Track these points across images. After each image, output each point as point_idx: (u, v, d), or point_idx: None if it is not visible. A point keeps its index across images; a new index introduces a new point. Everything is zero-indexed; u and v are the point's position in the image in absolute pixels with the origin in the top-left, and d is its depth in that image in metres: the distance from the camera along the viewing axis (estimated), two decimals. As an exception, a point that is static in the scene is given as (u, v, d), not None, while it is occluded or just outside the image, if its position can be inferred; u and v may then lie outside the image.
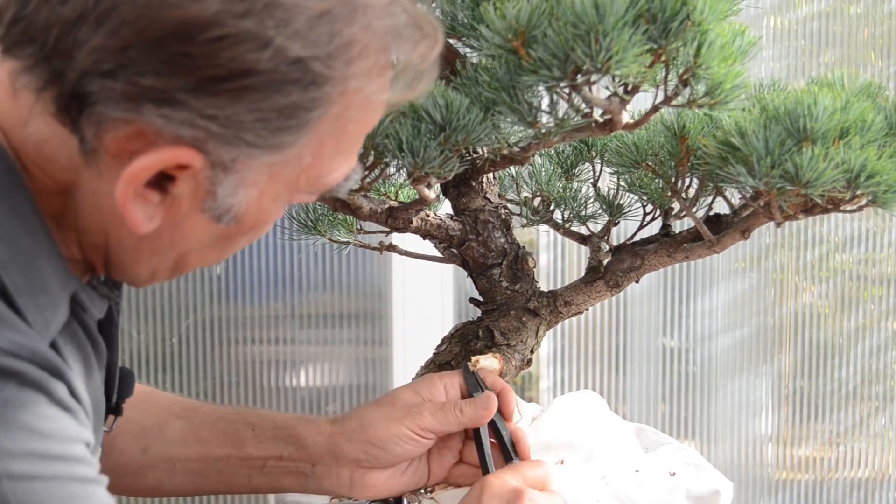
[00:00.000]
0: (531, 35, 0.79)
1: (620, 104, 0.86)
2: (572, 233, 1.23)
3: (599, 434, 1.19)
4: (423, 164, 0.87)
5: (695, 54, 0.80)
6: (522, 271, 1.16)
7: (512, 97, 0.84)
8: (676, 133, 0.99)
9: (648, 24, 0.79)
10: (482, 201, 1.13)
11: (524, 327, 1.15)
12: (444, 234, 1.13)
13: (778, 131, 0.87)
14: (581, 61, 0.77)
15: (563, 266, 2.39)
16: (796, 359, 2.42)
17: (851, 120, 0.88)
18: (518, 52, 0.80)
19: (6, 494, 0.66)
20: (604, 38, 0.76)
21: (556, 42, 0.77)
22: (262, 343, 2.36)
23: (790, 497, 2.45)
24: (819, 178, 0.85)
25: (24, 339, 0.69)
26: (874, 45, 2.34)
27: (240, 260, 2.33)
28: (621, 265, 1.15)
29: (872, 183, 0.86)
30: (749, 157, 0.88)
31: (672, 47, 0.80)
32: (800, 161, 0.85)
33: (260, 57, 0.68)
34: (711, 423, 2.43)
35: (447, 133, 0.86)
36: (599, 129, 0.88)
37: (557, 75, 0.79)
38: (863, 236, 2.38)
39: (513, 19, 0.79)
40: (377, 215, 1.07)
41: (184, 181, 0.72)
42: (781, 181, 0.87)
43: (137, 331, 2.30)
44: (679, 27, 0.79)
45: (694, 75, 0.82)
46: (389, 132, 0.87)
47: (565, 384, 2.43)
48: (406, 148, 0.86)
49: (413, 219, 1.09)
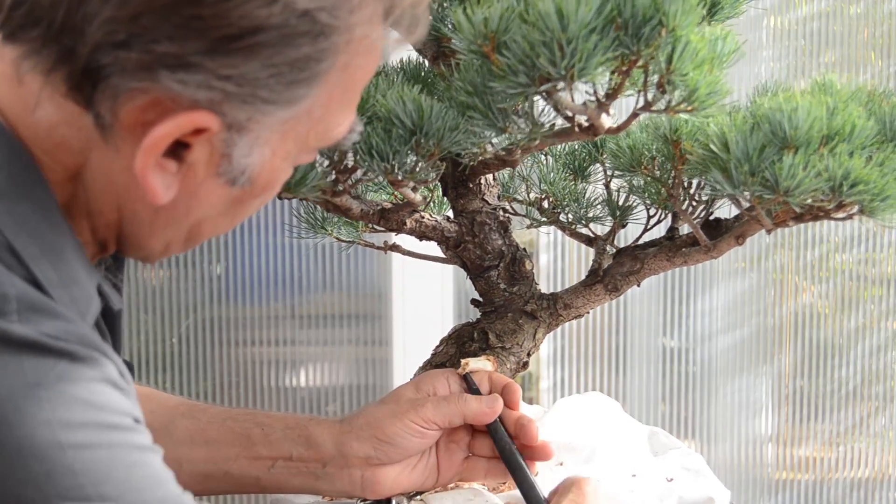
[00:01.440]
0: (501, 40, 0.78)
1: (598, 109, 0.85)
2: (579, 234, 1.22)
3: (602, 436, 1.18)
4: (395, 170, 0.87)
5: (667, 61, 0.79)
6: (520, 273, 1.15)
7: (484, 102, 0.83)
8: (668, 137, 0.98)
9: (620, 31, 0.78)
10: (479, 203, 1.13)
11: (520, 330, 1.15)
12: (440, 236, 1.13)
13: (759, 138, 0.86)
14: (544, 69, 0.77)
15: (563, 267, 2.39)
16: (796, 359, 2.42)
17: (838, 126, 0.85)
18: (489, 58, 0.79)
19: (71, 463, 0.67)
20: (567, 46, 0.75)
21: (523, 48, 0.77)
22: (262, 343, 2.36)
23: (790, 497, 2.44)
24: (799, 186, 0.83)
25: (69, 326, 0.70)
26: (874, 45, 2.34)
27: (240, 260, 2.33)
28: (621, 269, 1.14)
29: (857, 192, 0.83)
30: (727, 164, 0.86)
31: (646, 53, 0.79)
32: (779, 169, 0.84)
33: (270, 12, 0.69)
34: (711, 423, 2.43)
35: (418, 138, 0.86)
36: (583, 133, 0.88)
37: (524, 82, 0.78)
38: (863, 236, 2.38)
39: (481, 24, 0.78)
40: (369, 216, 1.07)
41: (199, 147, 0.73)
42: (761, 189, 0.85)
43: (137, 331, 2.31)
44: (651, 33, 0.78)
45: (669, 81, 0.80)
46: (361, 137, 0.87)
47: (565, 384, 2.43)
48: (376, 153, 0.86)
49: (407, 220, 1.09)
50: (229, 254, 2.32)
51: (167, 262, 2.30)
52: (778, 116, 0.85)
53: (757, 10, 2.29)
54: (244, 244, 2.32)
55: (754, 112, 0.89)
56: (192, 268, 2.31)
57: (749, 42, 2.33)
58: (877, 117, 0.91)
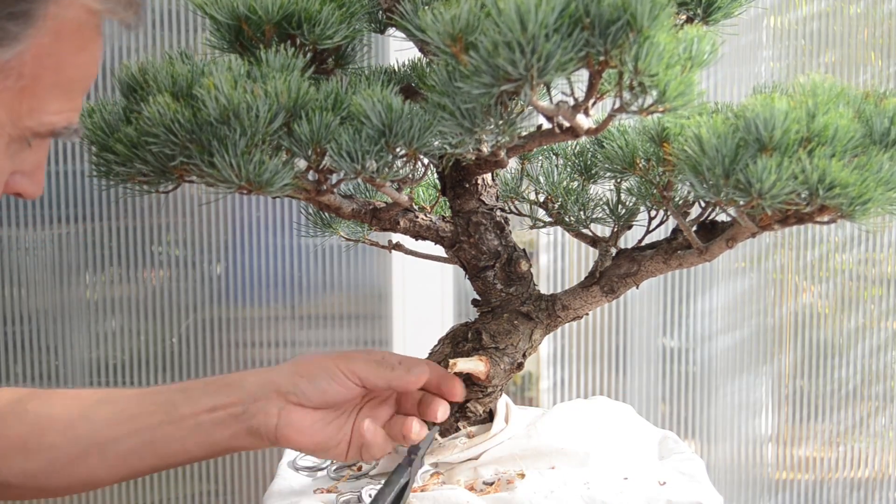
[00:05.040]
0: (469, 41, 0.78)
1: (573, 110, 0.85)
2: (584, 235, 1.22)
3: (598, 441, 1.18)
4: (364, 169, 0.87)
5: (633, 61, 0.78)
6: (516, 274, 1.15)
7: (453, 102, 0.83)
8: (656, 137, 0.98)
9: (587, 31, 0.77)
10: (476, 203, 1.13)
11: (515, 331, 1.14)
12: (435, 236, 1.13)
13: (735, 140, 0.84)
14: (505, 69, 0.76)
15: (563, 268, 2.39)
16: (796, 359, 2.41)
17: (818, 128, 0.83)
18: (457, 57, 0.79)
19: None
20: (527, 46, 0.75)
21: (486, 49, 0.77)
22: (262, 343, 2.36)
23: (790, 497, 2.44)
24: (772, 189, 0.82)
25: None
26: (874, 45, 2.33)
27: (240, 260, 2.33)
28: (618, 270, 1.14)
29: (834, 195, 0.82)
30: (700, 165, 0.85)
31: (614, 53, 0.78)
32: (753, 171, 0.82)
33: None
34: (711, 423, 2.43)
35: (387, 138, 0.86)
36: (564, 134, 0.88)
37: (488, 82, 0.78)
38: (863, 236, 2.38)
39: (448, 23, 0.78)
40: (360, 215, 1.07)
41: None
42: (735, 192, 0.84)
43: (137, 331, 2.31)
44: (618, 34, 0.77)
45: (639, 83, 0.80)
46: (332, 136, 0.87)
47: (565, 385, 2.42)
48: (345, 153, 0.86)
49: (400, 220, 1.09)
50: (229, 254, 2.32)
51: (167, 262, 2.30)
52: (754, 118, 0.83)
53: (757, 10, 2.29)
54: (244, 244, 2.32)
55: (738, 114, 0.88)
56: (192, 268, 2.31)
57: (749, 42, 2.33)
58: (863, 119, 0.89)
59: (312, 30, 0.96)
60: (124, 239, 2.26)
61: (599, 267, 1.16)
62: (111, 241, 2.26)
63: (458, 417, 1.15)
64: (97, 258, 2.27)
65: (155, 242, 2.28)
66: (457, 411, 1.14)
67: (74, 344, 2.27)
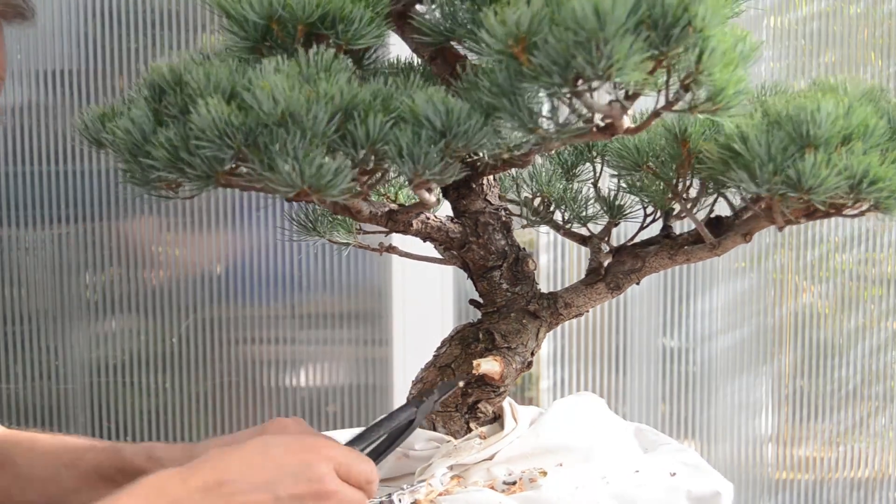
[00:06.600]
0: (532, 41, 0.78)
1: (621, 109, 0.86)
2: (573, 234, 1.22)
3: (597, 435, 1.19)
4: (424, 171, 0.86)
5: (696, 60, 0.80)
6: (523, 273, 1.15)
7: (512, 103, 0.83)
8: (678, 136, 0.99)
9: (650, 31, 0.78)
10: (482, 203, 1.13)
11: (525, 329, 1.14)
12: (445, 237, 1.12)
13: (780, 137, 0.87)
14: (582, 68, 0.76)
15: (563, 267, 2.39)
16: (796, 359, 2.41)
17: (854, 125, 0.88)
18: (518, 58, 0.79)
19: None
20: (605, 46, 0.75)
21: (556, 49, 0.77)
22: (262, 343, 2.36)
23: (790, 497, 2.44)
24: (822, 184, 0.85)
25: None
26: (874, 45, 2.34)
27: (240, 260, 2.33)
28: (622, 267, 1.14)
29: (875, 189, 0.86)
30: (751, 163, 0.88)
31: (673, 54, 0.79)
32: (802, 168, 0.85)
33: None
34: (711, 423, 2.43)
35: (448, 139, 0.86)
36: (600, 133, 0.88)
37: (558, 82, 0.78)
38: (863, 236, 2.38)
39: (513, 25, 0.78)
40: (377, 218, 1.06)
41: None
42: (784, 187, 0.87)
43: (138, 331, 2.30)
44: (681, 34, 0.79)
45: (696, 81, 0.81)
46: (390, 138, 0.86)
47: (565, 384, 2.42)
48: (406, 154, 0.85)
49: (413, 221, 1.09)
50: (229, 254, 2.32)
51: (167, 262, 2.30)
52: (801, 116, 0.87)
53: (757, 10, 2.29)
54: (244, 244, 2.32)
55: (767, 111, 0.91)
56: (192, 268, 2.30)
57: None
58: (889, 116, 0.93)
59: (346, 30, 0.94)
60: (124, 239, 2.26)
61: (601, 264, 1.16)
62: (111, 241, 2.26)
63: (469, 419, 1.14)
64: (97, 258, 2.26)
65: (155, 242, 2.28)
66: (467, 412, 1.14)
67: (74, 344, 2.27)
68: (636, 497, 1.08)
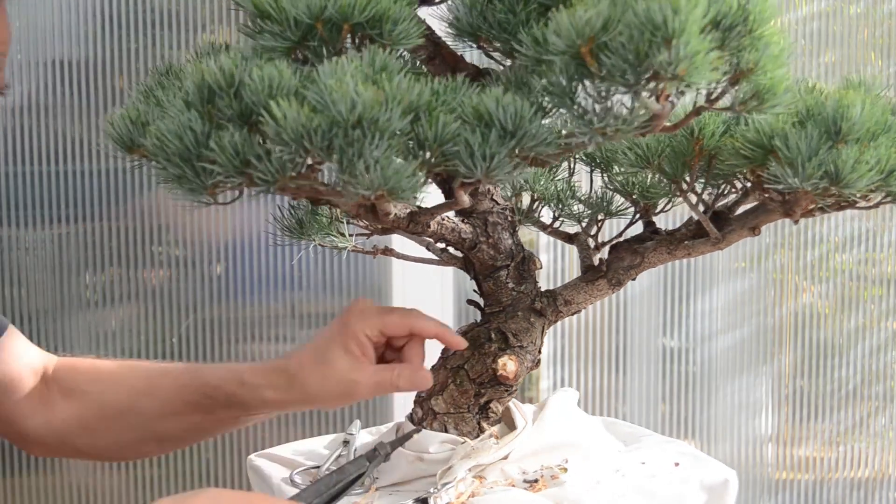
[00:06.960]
0: (601, 41, 0.78)
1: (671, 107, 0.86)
2: (558, 232, 1.24)
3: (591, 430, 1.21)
4: (496, 171, 0.85)
5: (755, 61, 0.84)
6: (528, 272, 1.16)
7: (574, 103, 0.83)
8: (694, 133, 1.00)
9: (713, 31, 0.81)
10: (490, 203, 1.13)
11: (532, 328, 1.15)
12: (457, 238, 1.12)
13: (816, 133, 0.91)
14: (660, 67, 0.77)
15: (562, 266, 2.39)
16: (796, 359, 2.42)
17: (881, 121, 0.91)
18: (584, 59, 0.79)
19: None
20: (685, 46, 0.76)
21: (629, 49, 0.77)
22: (262, 342, 2.35)
23: (790, 497, 2.45)
24: (860, 178, 0.89)
25: None
26: (874, 45, 2.34)
27: (240, 260, 2.33)
28: (621, 263, 1.16)
29: None
30: (794, 158, 0.91)
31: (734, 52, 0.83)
32: (841, 162, 0.89)
33: None
34: (711, 423, 2.43)
35: (517, 139, 0.85)
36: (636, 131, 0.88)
37: (631, 82, 0.79)
38: (863, 236, 2.38)
39: (584, 25, 0.78)
40: (399, 220, 1.05)
41: None
42: (825, 182, 0.90)
43: (138, 331, 2.30)
44: (738, 33, 0.82)
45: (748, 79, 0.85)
46: (459, 139, 0.85)
47: (565, 384, 2.42)
48: (479, 155, 0.84)
49: (431, 223, 1.08)
50: (229, 254, 2.32)
51: (167, 262, 2.30)
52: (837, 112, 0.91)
53: (757, 10, 2.29)
54: (244, 244, 2.32)
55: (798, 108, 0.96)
56: (192, 268, 2.30)
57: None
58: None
59: (393, 29, 0.92)
60: (124, 239, 2.25)
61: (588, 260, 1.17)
62: (111, 241, 2.25)
63: (480, 419, 1.14)
64: (97, 258, 2.26)
65: (155, 242, 2.28)
66: (478, 413, 1.14)
67: (74, 344, 2.27)
68: (654, 489, 1.09)
